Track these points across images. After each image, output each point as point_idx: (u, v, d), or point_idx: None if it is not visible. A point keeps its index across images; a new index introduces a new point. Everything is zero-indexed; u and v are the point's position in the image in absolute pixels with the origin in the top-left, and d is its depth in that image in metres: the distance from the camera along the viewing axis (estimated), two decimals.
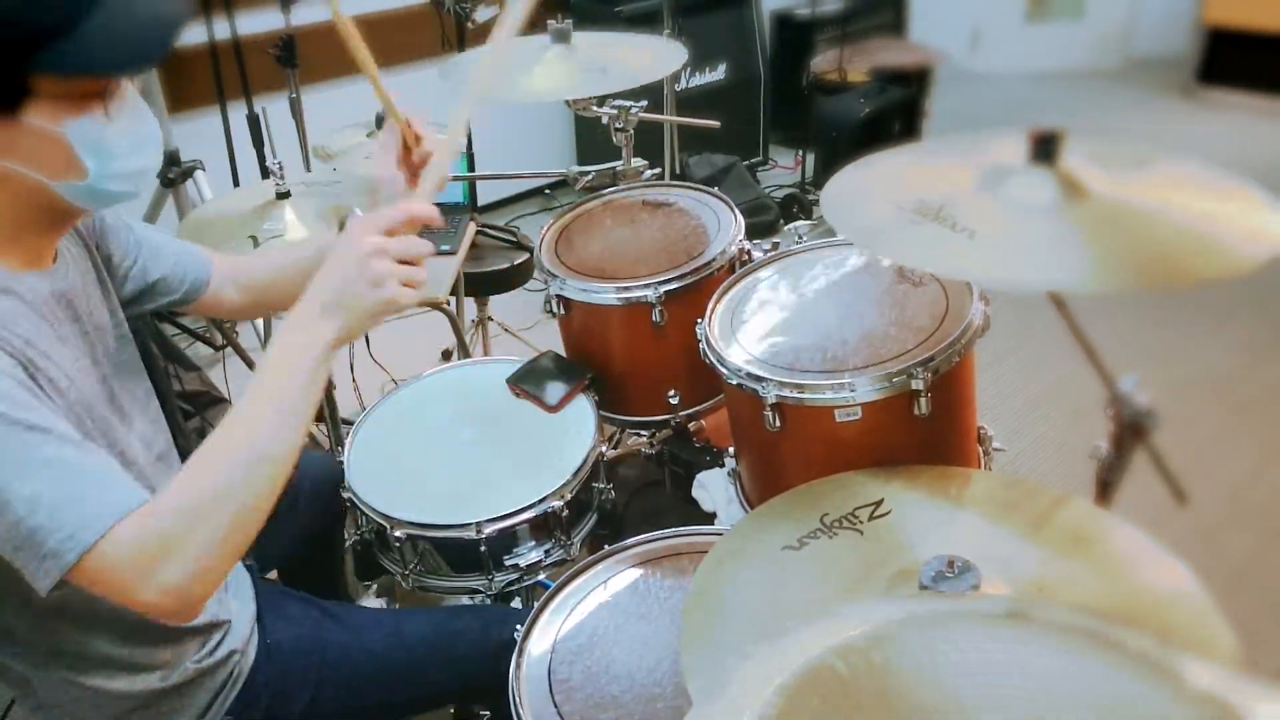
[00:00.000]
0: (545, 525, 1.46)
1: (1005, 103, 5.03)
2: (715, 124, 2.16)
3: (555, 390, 1.62)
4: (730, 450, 1.48)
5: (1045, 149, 0.95)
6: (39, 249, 1.02)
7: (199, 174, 2.63)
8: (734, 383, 1.28)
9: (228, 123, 2.71)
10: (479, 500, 1.43)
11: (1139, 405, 0.92)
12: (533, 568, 1.46)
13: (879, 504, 1.11)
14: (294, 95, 2.62)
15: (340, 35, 1.04)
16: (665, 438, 1.83)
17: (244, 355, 2.66)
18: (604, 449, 1.56)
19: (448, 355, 2.68)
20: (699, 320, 1.39)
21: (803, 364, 1.26)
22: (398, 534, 1.41)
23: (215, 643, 1.16)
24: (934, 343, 1.23)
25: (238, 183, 2.75)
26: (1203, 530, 2.19)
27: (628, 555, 1.31)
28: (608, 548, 1.33)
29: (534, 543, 1.46)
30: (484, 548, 1.40)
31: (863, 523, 1.09)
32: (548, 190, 4.12)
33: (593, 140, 4.02)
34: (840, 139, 3.74)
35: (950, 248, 0.92)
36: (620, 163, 1.96)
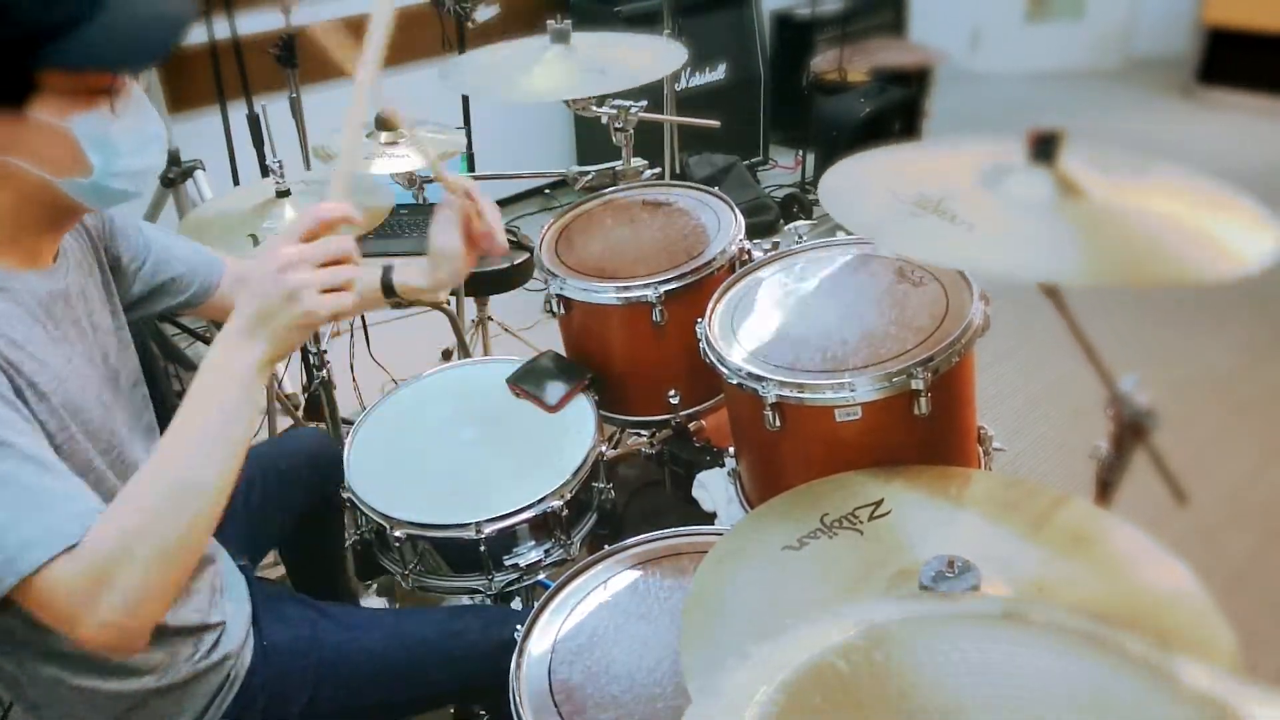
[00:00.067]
0: (545, 525, 1.46)
1: (1005, 103, 5.03)
2: (715, 124, 2.16)
3: (555, 390, 1.62)
4: (730, 450, 1.48)
5: (1045, 149, 0.95)
6: (38, 248, 1.02)
7: (199, 174, 2.62)
8: (734, 382, 1.28)
9: (228, 123, 2.70)
10: (479, 500, 1.43)
11: (1139, 405, 0.92)
12: (533, 568, 1.46)
13: (879, 504, 1.11)
14: (294, 95, 2.62)
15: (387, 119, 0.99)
16: (665, 437, 1.83)
17: None
18: (604, 449, 1.56)
19: (448, 355, 2.69)
20: (699, 320, 1.39)
21: (803, 364, 1.26)
22: (397, 534, 1.41)
23: (210, 645, 1.16)
24: (934, 342, 1.23)
25: (238, 182, 2.75)
26: (1203, 530, 2.19)
27: (628, 555, 1.31)
28: (608, 548, 1.33)
29: (534, 542, 1.46)
30: (484, 548, 1.40)
31: (863, 523, 1.09)
32: (548, 190, 4.12)
33: (593, 140, 4.02)
34: (840, 139, 3.74)
35: (949, 239, 0.93)
36: (620, 163, 1.96)
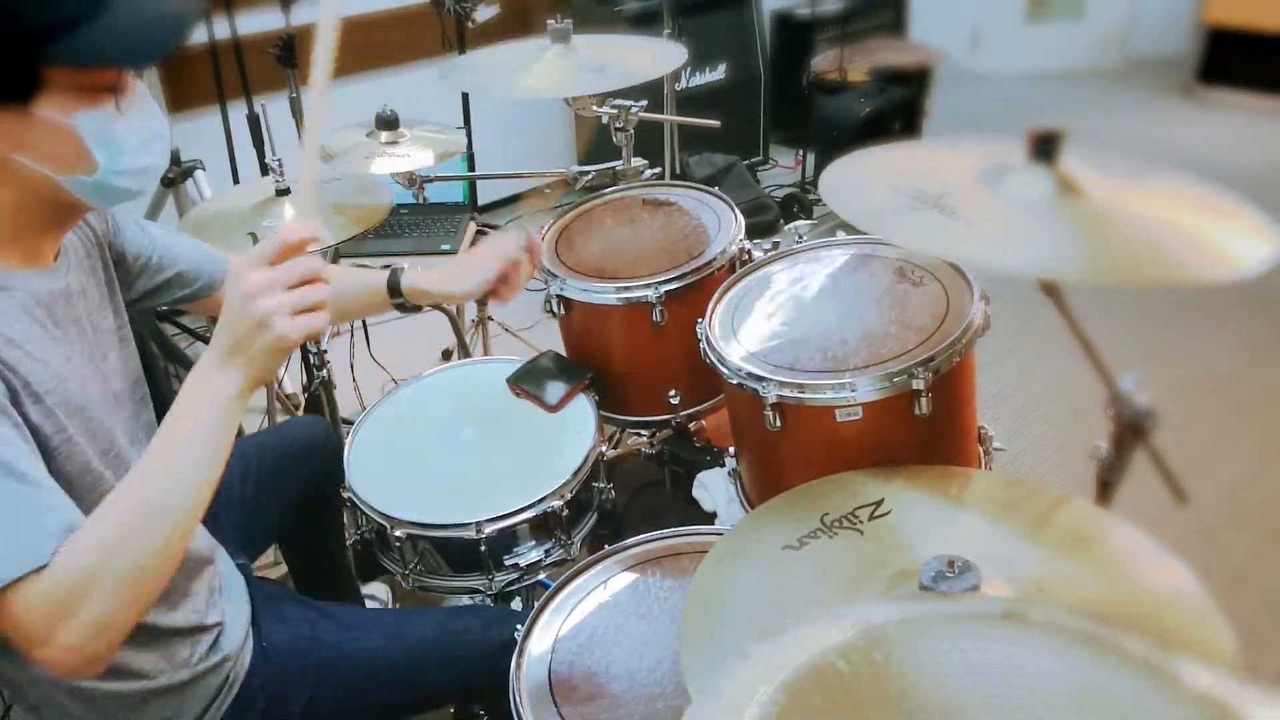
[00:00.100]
0: (545, 525, 1.46)
1: (1005, 103, 5.03)
2: (715, 124, 2.16)
3: (555, 390, 1.62)
4: (730, 450, 1.48)
5: (1045, 148, 0.95)
6: (39, 247, 1.02)
7: (199, 174, 2.62)
8: (734, 382, 1.28)
9: (228, 122, 2.70)
10: (479, 500, 1.43)
11: (1139, 405, 0.92)
12: (533, 567, 1.46)
13: (879, 504, 1.11)
14: (294, 95, 2.62)
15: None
16: (665, 437, 1.83)
17: None
18: (604, 449, 1.56)
19: (448, 355, 2.68)
20: (699, 320, 1.39)
21: (803, 364, 1.26)
22: (398, 534, 1.41)
23: (208, 646, 1.15)
24: (935, 342, 1.23)
25: (238, 182, 2.75)
26: (1203, 530, 2.19)
27: (628, 555, 1.31)
28: (608, 547, 1.33)
29: (534, 542, 1.46)
30: (484, 547, 1.40)
31: (863, 522, 1.09)
32: (548, 190, 4.12)
33: (593, 140, 4.01)
34: (840, 139, 3.74)
35: (948, 233, 0.93)
36: (620, 162, 1.96)
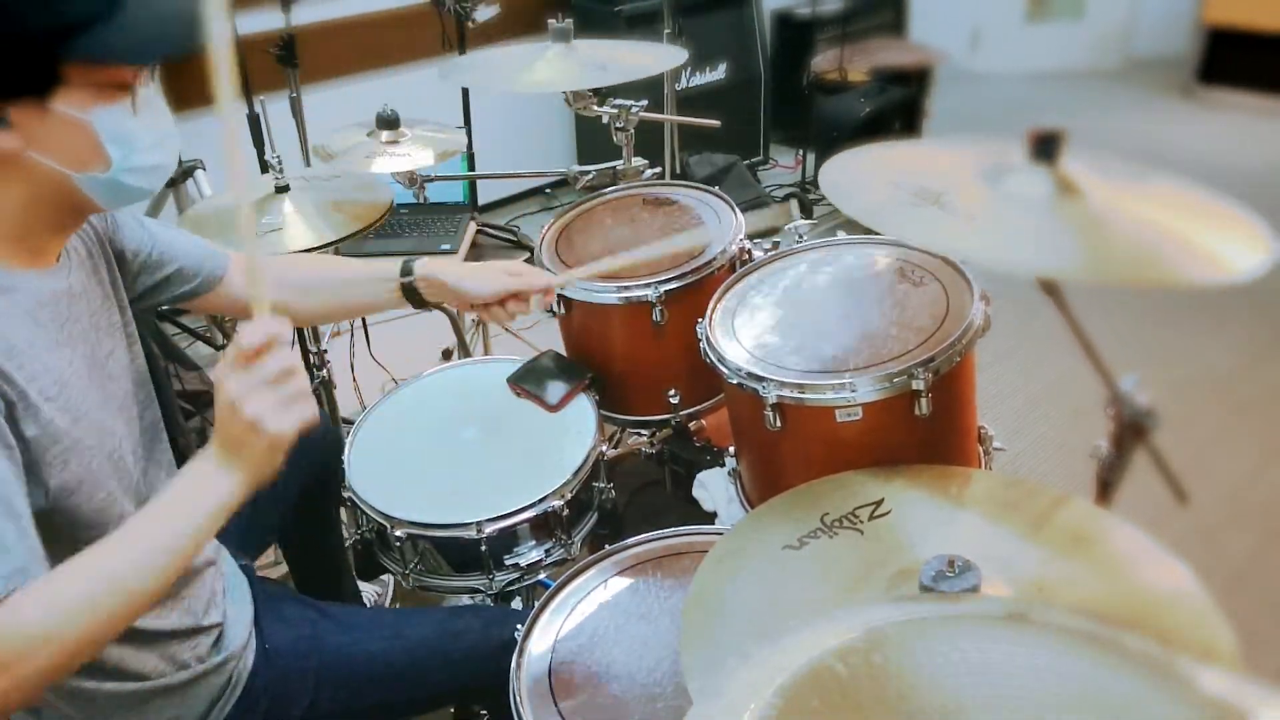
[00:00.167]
0: (546, 525, 1.46)
1: (1005, 103, 5.03)
2: (715, 123, 2.16)
3: (556, 390, 1.62)
4: (730, 450, 1.48)
5: (1045, 148, 0.95)
6: (45, 247, 1.02)
7: (199, 173, 2.63)
8: (734, 382, 1.28)
9: None
10: (479, 500, 1.43)
11: (1139, 405, 0.92)
12: (533, 567, 1.46)
13: (879, 504, 1.11)
14: (294, 95, 2.62)
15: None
16: (665, 437, 1.83)
17: None
18: (604, 448, 1.56)
19: (448, 355, 2.68)
20: (699, 320, 1.39)
21: (803, 364, 1.26)
22: (398, 534, 1.41)
23: (209, 647, 1.15)
24: (935, 343, 1.23)
25: None
26: (1203, 530, 2.19)
27: (628, 555, 1.31)
28: (608, 547, 1.33)
29: (534, 542, 1.46)
30: (484, 547, 1.40)
31: (863, 522, 1.09)
32: (548, 190, 4.12)
33: (593, 140, 4.02)
34: (840, 138, 3.74)
35: (948, 229, 0.93)
36: (620, 162, 1.96)
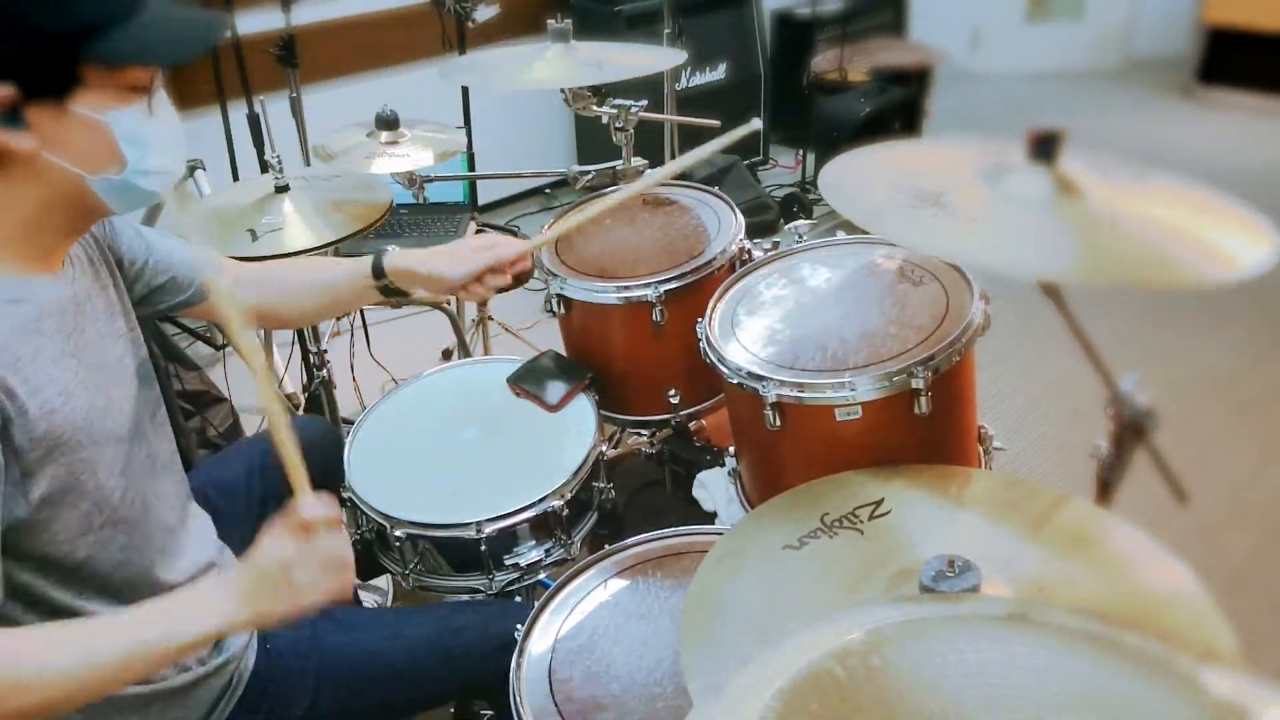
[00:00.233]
0: (545, 525, 1.46)
1: (1005, 103, 5.03)
2: (715, 123, 2.14)
3: (555, 390, 1.62)
4: (730, 450, 1.48)
5: (1045, 148, 0.95)
6: (52, 252, 1.02)
7: (199, 173, 2.63)
8: (734, 382, 1.28)
9: (228, 122, 2.70)
10: (479, 500, 1.43)
11: (1139, 405, 0.92)
12: (533, 567, 1.46)
13: (879, 503, 1.11)
14: (294, 95, 2.63)
15: None
16: (665, 437, 1.83)
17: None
18: (604, 448, 1.56)
19: (448, 355, 2.69)
20: (699, 319, 1.39)
21: (803, 363, 1.26)
22: (398, 534, 1.41)
23: (209, 649, 1.15)
24: (934, 342, 1.22)
25: (237, 180, 2.75)
26: (1203, 530, 2.19)
27: (628, 555, 1.31)
28: (608, 547, 1.33)
29: (534, 542, 1.46)
30: (484, 547, 1.40)
31: (863, 522, 1.09)
32: (548, 190, 4.12)
33: (593, 140, 4.02)
34: (840, 138, 3.74)
35: (948, 231, 0.93)
36: (620, 162, 1.96)
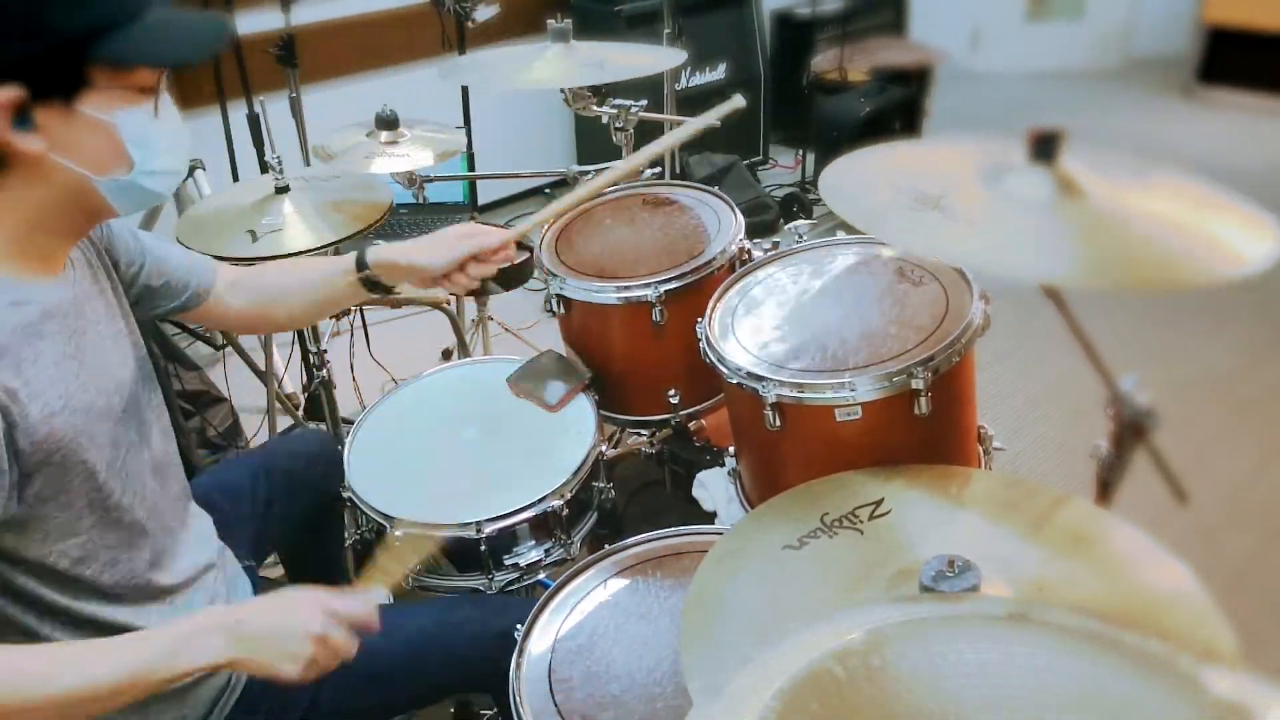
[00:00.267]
0: (545, 524, 1.45)
1: (1005, 102, 5.03)
2: (715, 124, 2.15)
3: (555, 390, 1.62)
4: (730, 450, 1.48)
5: (1045, 148, 0.95)
6: (54, 254, 1.02)
7: (199, 173, 2.62)
8: (734, 382, 1.28)
9: (228, 122, 2.70)
10: (479, 499, 1.43)
11: (1139, 405, 0.92)
12: (533, 567, 1.46)
13: (879, 503, 1.11)
14: (294, 95, 2.62)
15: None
16: (665, 437, 1.83)
17: (245, 355, 2.66)
18: (604, 448, 1.56)
19: (448, 355, 2.69)
20: (699, 319, 1.39)
21: (803, 363, 1.26)
22: (398, 533, 1.41)
23: None
24: (934, 342, 1.22)
25: (237, 180, 2.75)
26: (1203, 530, 2.19)
27: (628, 555, 1.31)
28: (608, 547, 1.33)
29: (534, 542, 1.46)
30: (484, 547, 1.40)
31: (863, 522, 1.09)
32: (548, 190, 4.12)
33: (593, 140, 4.01)
34: (840, 138, 3.74)
35: (949, 235, 0.93)
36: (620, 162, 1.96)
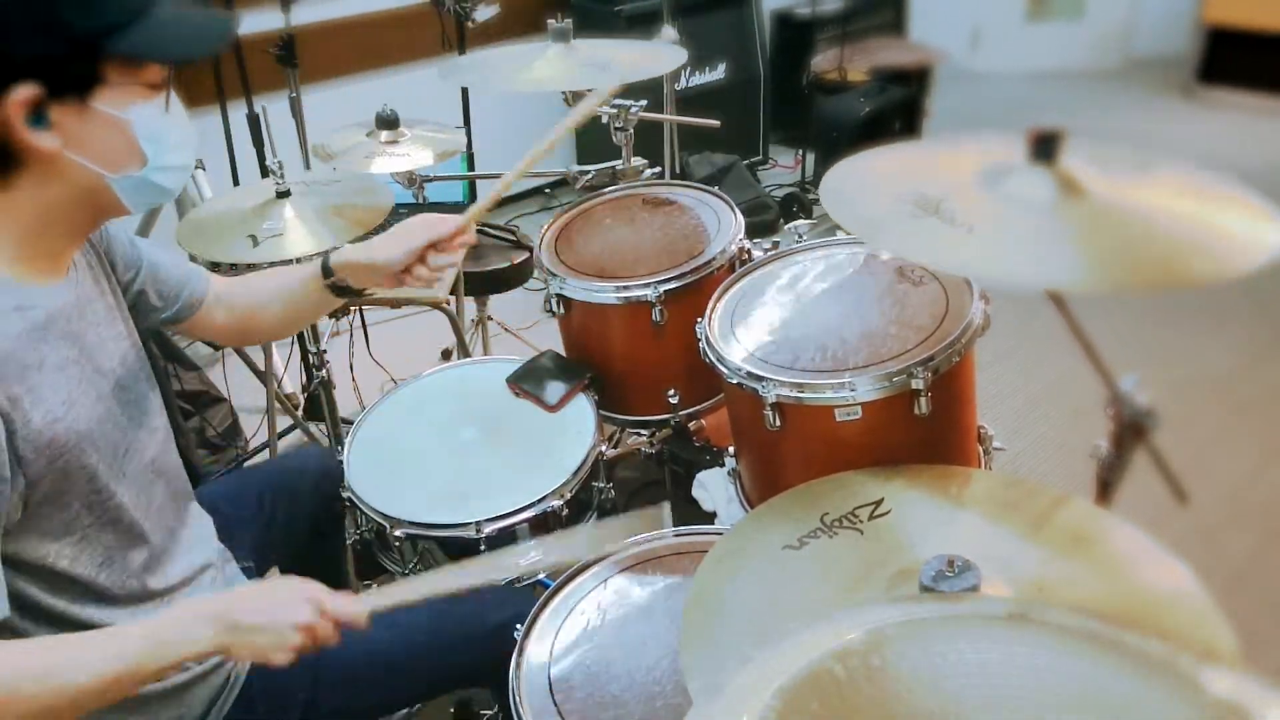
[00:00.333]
0: (545, 525, 1.45)
1: (1005, 102, 5.02)
2: (715, 123, 2.15)
3: (555, 390, 1.62)
4: (730, 450, 1.48)
5: (1045, 148, 0.95)
6: (59, 255, 1.03)
7: (199, 174, 2.62)
8: (734, 382, 1.28)
9: (228, 122, 2.70)
10: (479, 500, 1.43)
11: (1139, 405, 0.92)
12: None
13: (879, 503, 1.11)
14: (294, 95, 2.62)
15: None
16: (665, 437, 1.83)
17: (244, 355, 2.66)
18: (604, 448, 1.56)
19: (448, 355, 2.69)
20: (699, 320, 1.39)
21: (803, 363, 1.26)
22: (397, 533, 1.41)
23: None
24: (934, 342, 1.22)
25: (238, 183, 2.75)
26: (1203, 530, 2.19)
27: (628, 555, 1.31)
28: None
29: (534, 542, 1.46)
30: (484, 547, 1.40)
31: (863, 522, 1.09)
32: (548, 189, 4.12)
33: (593, 140, 4.02)
34: (840, 138, 3.74)
35: (948, 242, 0.92)
36: (620, 162, 1.96)
